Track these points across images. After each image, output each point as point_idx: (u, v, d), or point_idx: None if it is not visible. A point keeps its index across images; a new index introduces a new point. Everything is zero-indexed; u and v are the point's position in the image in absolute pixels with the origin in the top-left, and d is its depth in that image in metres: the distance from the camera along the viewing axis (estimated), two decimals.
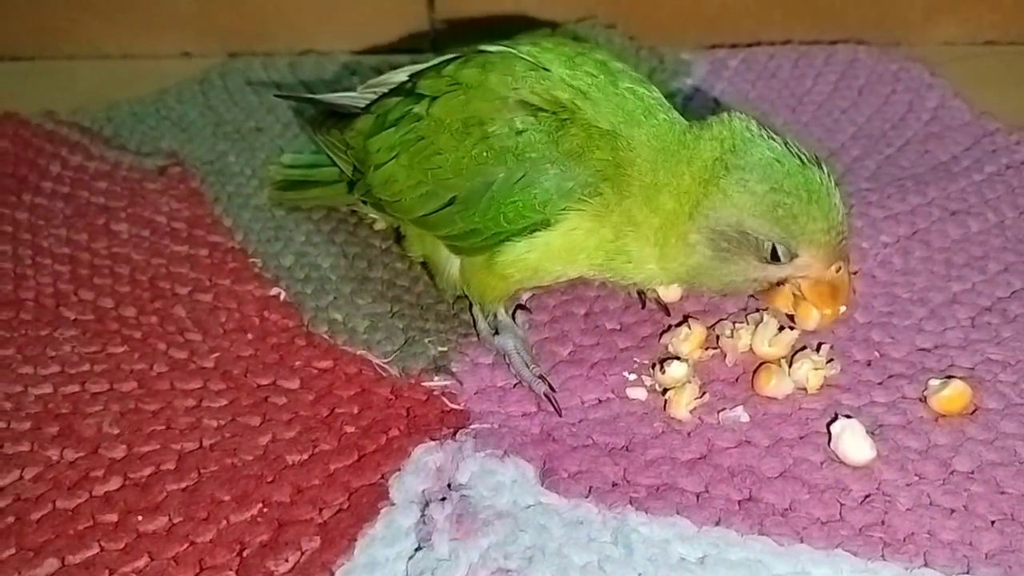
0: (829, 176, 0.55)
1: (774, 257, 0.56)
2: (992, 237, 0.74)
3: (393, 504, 0.55)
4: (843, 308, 0.59)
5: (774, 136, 0.56)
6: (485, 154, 0.57)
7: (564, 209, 0.57)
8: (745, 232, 0.55)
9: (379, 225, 0.74)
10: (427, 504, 0.55)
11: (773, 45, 1.02)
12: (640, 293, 0.68)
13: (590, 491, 0.56)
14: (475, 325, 0.66)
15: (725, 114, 0.57)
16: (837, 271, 0.57)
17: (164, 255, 0.75)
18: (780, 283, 0.58)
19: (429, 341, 0.66)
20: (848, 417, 0.58)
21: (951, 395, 0.60)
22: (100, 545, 0.53)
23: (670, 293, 0.67)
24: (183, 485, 0.56)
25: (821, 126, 0.90)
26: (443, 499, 0.55)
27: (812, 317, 0.60)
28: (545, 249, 0.59)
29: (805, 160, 0.55)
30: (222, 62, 1.04)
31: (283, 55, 1.05)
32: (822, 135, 0.89)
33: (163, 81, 1.01)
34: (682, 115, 0.60)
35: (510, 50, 0.60)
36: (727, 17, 1.05)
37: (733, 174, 0.55)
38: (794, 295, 0.58)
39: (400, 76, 0.69)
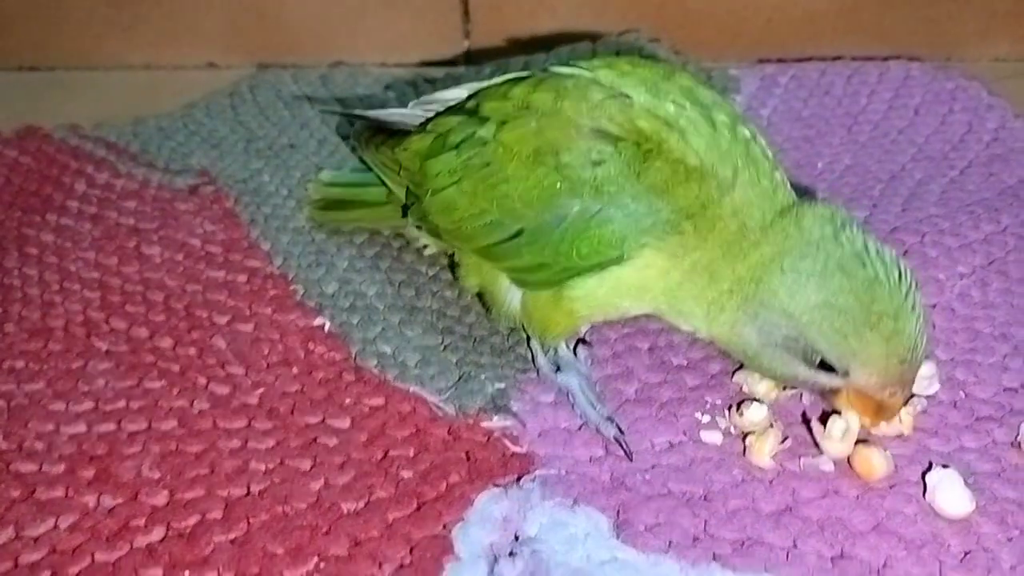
0: (908, 296, 0.50)
1: (824, 368, 0.52)
2: None
3: (459, 559, 0.51)
4: (884, 425, 0.55)
5: (852, 236, 0.51)
6: (559, 185, 0.54)
7: (642, 245, 0.53)
8: (793, 337, 0.51)
9: (429, 250, 0.70)
10: (496, 559, 0.51)
11: (823, 61, 0.99)
12: None
13: (670, 545, 0.52)
14: (534, 360, 0.62)
15: (812, 203, 0.53)
16: (891, 396, 0.52)
17: (200, 281, 0.71)
18: (834, 390, 0.54)
19: (485, 377, 0.62)
20: (945, 467, 0.54)
21: None
22: None
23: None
24: (232, 536, 0.52)
25: (879, 147, 0.86)
26: (512, 554, 0.51)
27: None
28: (615, 285, 0.55)
29: (879, 272, 0.50)
30: (250, 74, 1.00)
31: (313, 67, 1.01)
32: (881, 156, 0.85)
33: (188, 93, 0.97)
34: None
35: (585, 73, 0.56)
36: (774, 32, 1.01)
37: (787, 276, 0.51)
38: None
39: (457, 93, 0.65)
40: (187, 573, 0.51)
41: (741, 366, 0.62)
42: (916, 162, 0.84)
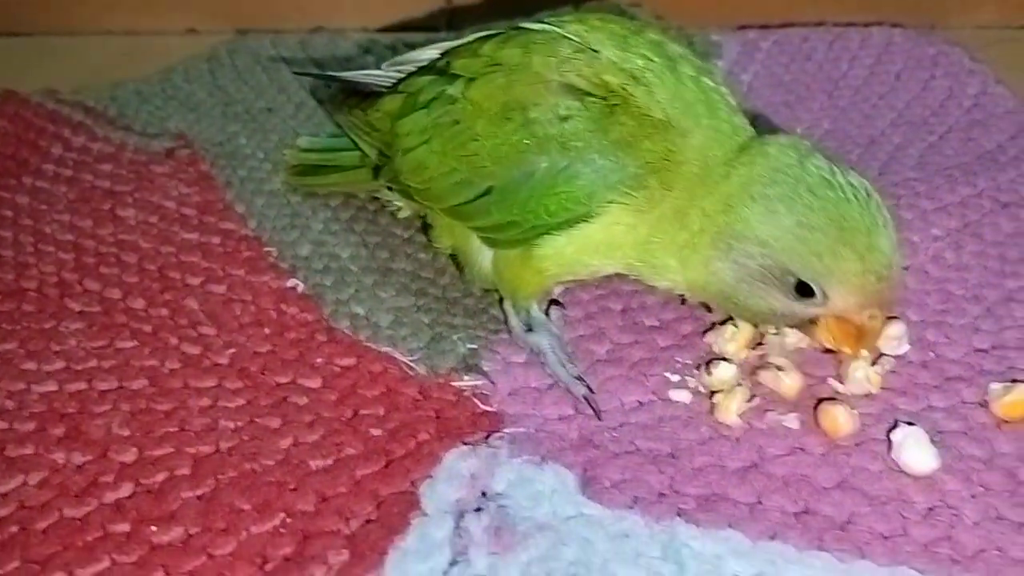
0: (879, 213, 0.50)
1: (801, 293, 0.51)
2: None
3: (425, 514, 0.52)
4: (865, 352, 0.55)
5: (817, 161, 0.51)
6: (526, 142, 0.53)
7: (609, 202, 0.53)
8: (768, 266, 0.51)
9: (403, 213, 0.70)
10: (462, 515, 0.51)
11: (805, 27, 0.98)
12: None
13: (635, 501, 0.52)
14: (506, 321, 0.62)
15: (769, 136, 0.53)
16: (869, 318, 0.52)
17: (174, 243, 0.71)
18: (812, 320, 0.54)
19: (458, 338, 0.62)
20: (909, 424, 0.54)
21: (1015, 400, 0.56)
22: (111, 558, 0.49)
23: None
24: (199, 492, 0.53)
25: (859, 112, 0.86)
26: (478, 509, 0.52)
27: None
28: (584, 242, 0.55)
29: (847, 191, 0.50)
30: (230, 39, 1.00)
31: (293, 32, 1.01)
32: (861, 121, 0.85)
33: (168, 59, 0.96)
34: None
35: (555, 29, 0.56)
36: None
37: (758, 203, 0.51)
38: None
39: (429, 53, 0.64)
40: (154, 528, 0.51)
41: (712, 327, 0.62)
42: (895, 127, 0.84)
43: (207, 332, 0.63)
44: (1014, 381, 0.57)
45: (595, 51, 0.54)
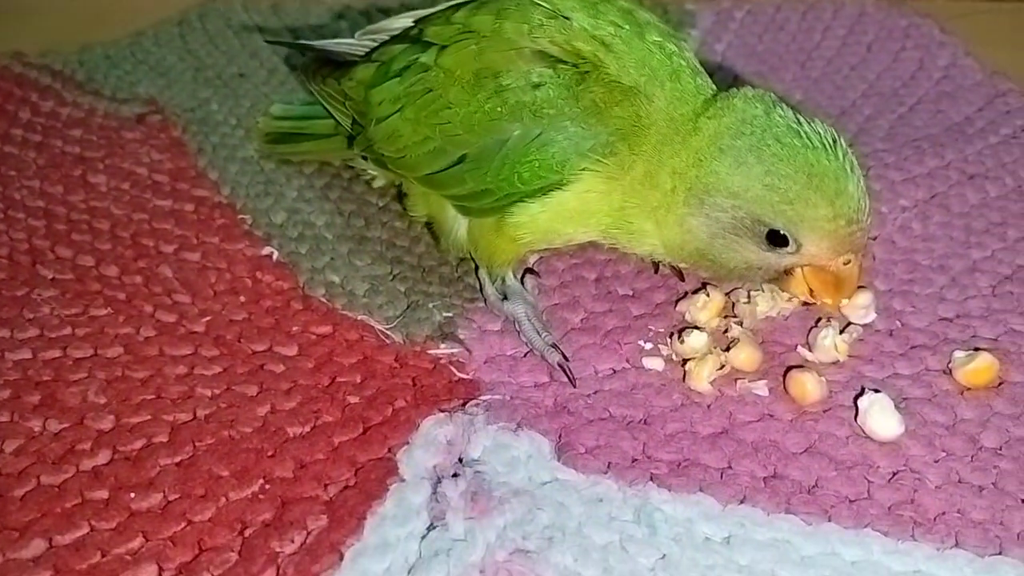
0: (845, 160, 0.51)
1: (774, 243, 0.52)
2: (1011, 202, 0.72)
3: (403, 480, 0.52)
4: (846, 300, 0.56)
5: (783, 112, 0.52)
6: (499, 109, 0.54)
7: (582, 169, 0.53)
8: (741, 217, 0.52)
9: (378, 182, 0.70)
10: (439, 480, 0.52)
11: None
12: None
13: (609, 467, 0.53)
14: (481, 290, 0.63)
15: (737, 90, 0.53)
16: (845, 263, 0.53)
17: (146, 210, 0.70)
18: (788, 272, 0.54)
19: (433, 306, 0.62)
20: (876, 391, 0.56)
21: (977, 368, 0.58)
22: (90, 524, 0.50)
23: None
24: (177, 459, 0.53)
25: (831, 83, 0.87)
26: (455, 475, 0.52)
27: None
28: (558, 210, 0.55)
29: (813, 140, 0.51)
30: (200, 2, 0.98)
31: None
32: (832, 92, 0.86)
33: (137, 22, 0.95)
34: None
35: None
36: None
37: (727, 155, 0.51)
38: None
39: (403, 22, 0.64)
40: (132, 495, 0.51)
41: (684, 295, 0.63)
42: (866, 98, 0.85)
43: (182, 300, 0.63)
44: (976, 349, 0.59)
45: (566, 18, 0.54)
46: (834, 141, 0.51)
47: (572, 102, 0.53)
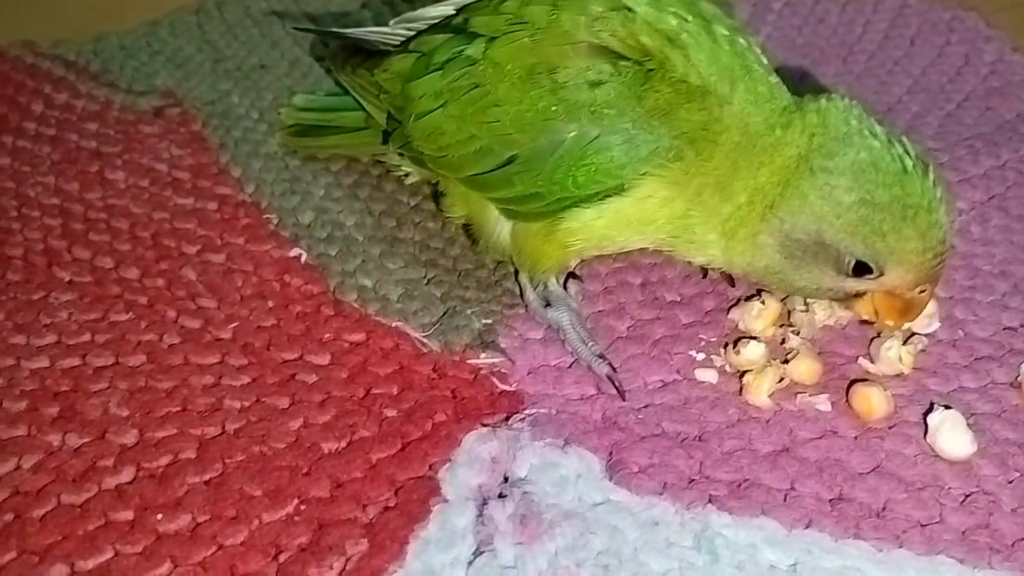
0: (935, 184, 0.48)
1: (856, 271, 0.49)
2: None
3: (446, 501, 0.49)
4: (907, 324, 0.54)
5: (876, 131, 0.48)
6: (554, 108, 0.50)
7: (643, 174, 0.50)
8: (824, 243, 0.49)
9: (411, 179, 0.67)
10: (484, 501, 0.49)
11: None
12: None
13: (664, 487, 0.50)
14: (522, 295, 0.60)
15: (824, 99, 0.50)
16: (920, 292, 0.50)
17: (167, 208, 0.67)
18: (858, 294, 0.52)
19: (472, 312, 0.59)
20: (947, 408, 0.53)
21: None
22: (115, 548, 0.47)
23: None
24: (206, 478, 0.50)
25: (875, 78, 0.84)
26: (502, 496, 0.49)
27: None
28: (614, 217, 0.52)
29: (908, 165, 0.48)
30: None
31: None
32: (877, 88, 0.82)
33: (153, 10, 0.92)
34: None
35: None
36: None
37: (818, 177, 0.48)
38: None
39: (442, 9, 0.60)
40: (159, 516, 0.48)
41: (736, 302, 0.60)
42: (912, 94, 0.82)
43: (207, 305, 0.60)
44: None
45: (629, 9, 0.51)
46: (926, 166, 0.49)
47: (634, 102, 0.49)
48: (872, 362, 0.56)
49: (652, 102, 0.49)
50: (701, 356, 0.57)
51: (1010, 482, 0.51)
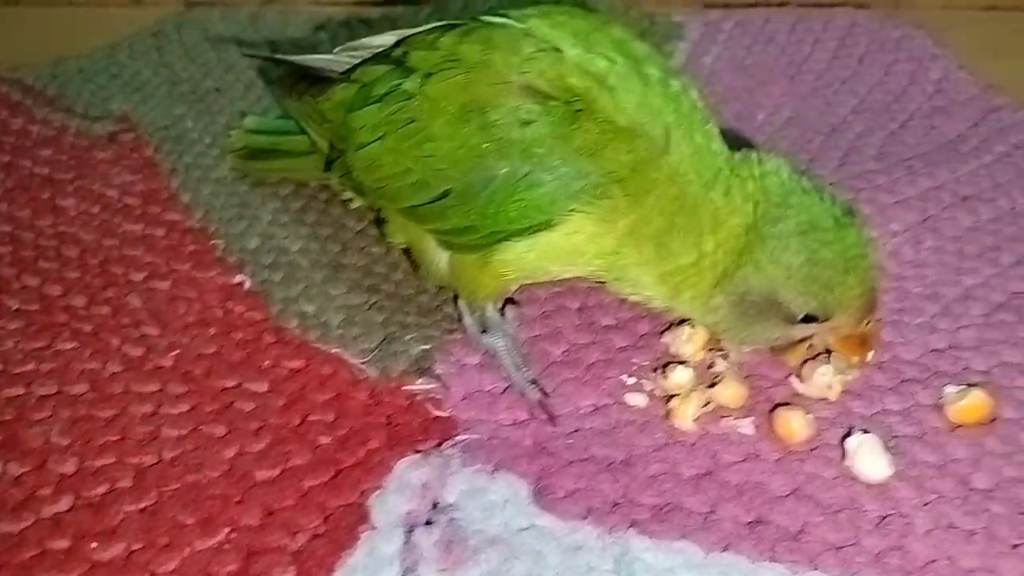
0: (863, 231, 0.52)
1: (805, 320, 0.52)
2: (1004, 225, 0.70)
3: (374, 528, 0.51)
4: (871, 354, 0.56)
5: (807, 188, 0.52)
6: (486, 146, 0.51)
7: (571, 210, 0.51)
8: (777, 301, 0.52)
9: (355, 203, 0.68)
10: (412, 528, 0.50)
11: (769, 7, 0.97)
12: None
13: (588, 512, 0.51)
14: (461, 321, 0.61)
15: (755, 159, 0.53)
16: (868, 324, 0.53)
17: (116, 235, 0.68)
18: (801, 340, 0.55)
19: (411, 338, 0.60)
20: (864, 431, 0.54)
21: (969, 406, 0.56)
22: None
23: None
24: (141, 506, 0.51)
25: (821, 98, 0.85)
26: (429, 522, 0.51)
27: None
28: (545, 250, 0.53)
29: (840, 218, 0.51)
30: (177, 12, 0.96)
31: (243, 5, 0.97)
32: (823, 108, 0.84)
33: (112, 33, 0.93)
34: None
35: (516, 24, 0.54)
36: None
37: (768, 244, 0.51)
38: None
39: (385, 39, 0.61)
40: (94, 544, 0.49)
41: (669, 326, 0.61)
42: (857, 114, 0.83)
43: (150, 332, 0.61)
44: (969, 385, 0.57)
45: (558, 50, 0.52)
46: (852, 213, 0.52)
47: (562, 141, 0.51)
48: (802, 382, 0.58)
49: (580, 141, 0.51)
50: (632, 380, 0.59)
51: (926, 504, 0.52)
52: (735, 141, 0.56)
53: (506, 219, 0.52)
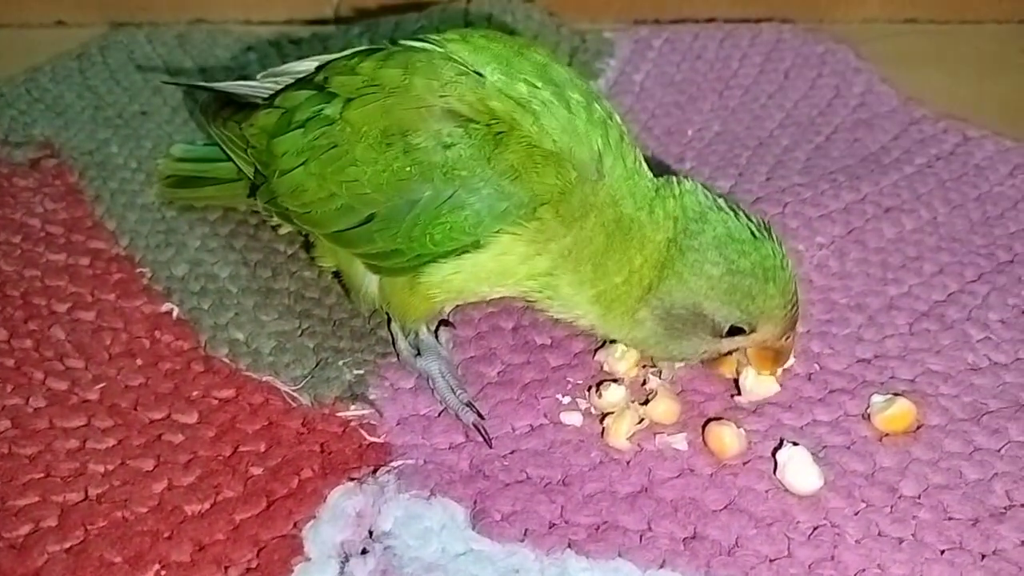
0: (781, 245, 0.53)
1: (730, 332, 0.54)
2: (926, 236, 0.72)
3: (309, 559, 0.50)
4: (780, 369, 0.58)
5: (723, 206, 0.53)
6: (409, 169, 0.51)
7: (497, 232, 0.51)
8: (701, 314, 0.53)
9: (283, 229, 0.67)
10: (347, 558, 0.50)
11: (698, 23, 0.98)
12: None
13: (525, 534, 0.51)
14: (394, 344, 0.61)
15: (675, 182, 0.54)
16: (787, 340, 0.55)
17: (39, 266, 0.66)
18: (729, 352, 0.56)
19: (344, 363, 0.60)
20: (794, 444, 0.55)
21: (895, 415, 0.57)
22: None
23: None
24: (67, 545, 0.50)
25: (749, 112, 0.87)
26: (364, 551, 0.50)
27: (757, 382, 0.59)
28: (473, 271, 0.53)
29: (757, 233, 0.52)
30: (102, 33, 0.94)
31: (169, 24, 0.96)
32: (750, 122, 0.85)
33: (34, 55, 0.91)
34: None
35: (436, 48, 0.54)
36: None
37: (688, 256, 0.52)
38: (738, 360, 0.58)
39: (304, 65, 0.61)
40: None
41: (603, 344, 0.62)
42: (783, 128, 0.85)
43: (75, 365, 0.59)
44: (895, 394, 0.58)
45: (479, 74, 0.52)
46: (768, 228, 0.53)
47: (485, 164, 0.51)
48: (742, 394, 0.59)
49: (503, 164, 0.51)
50: (567, 400, 0.59)
51: (856, 513, 0.53)
52: (666, 156, 0.57)
53: (432, 241, 0.52)
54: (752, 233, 0.52)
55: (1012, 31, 1.03)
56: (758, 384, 0.59)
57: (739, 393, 0.59)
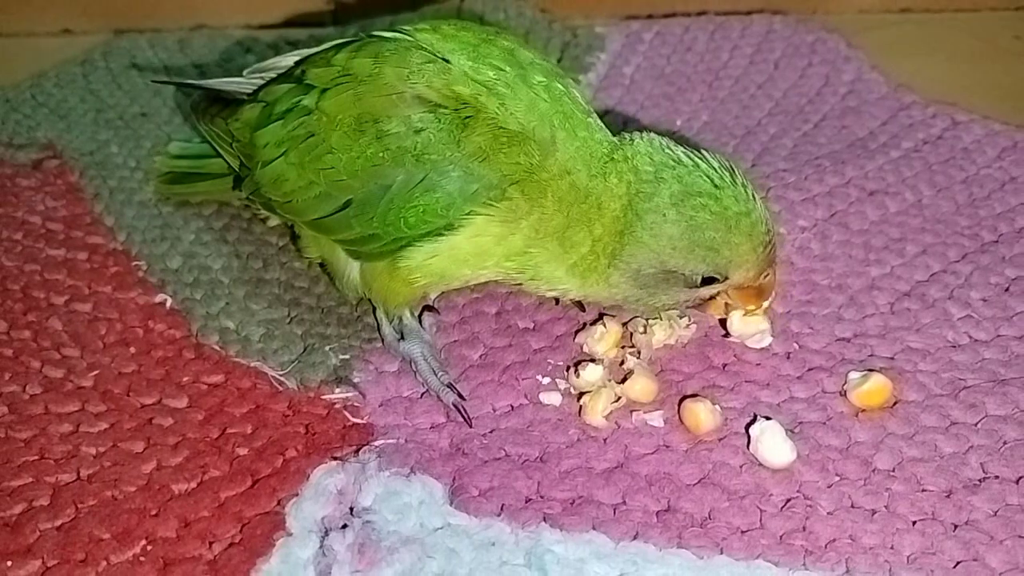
0: (746, 188, 0.54)
1: (705, 282, 0.55)
2: (910, 218, 0.73)
3: (290, 534, 0.51)
4: (767, 303, 0.59)
5: (680, 158, 0.53)
6: (381, 155, 0.53)
7: (469, 213, 0.53)
8: (669, 271, 0.54)
9: (272, 221, 0.69)
10: (327, 533, 0.51)
11: (689, 16, 0.99)
12: None
13: (502, 509, 0.53)
14: (379, 330, 0.62)
15: (628, 140, 0.55)
16: (766, 278, 0.56)
17: (38, 260, 0.69)
18: (711, 297, 0.57)
19: (330, 349, 0.61)
20: (767, 419, 0.56)
21: (871, 390, 0.58)
22: None
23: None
24: (58, 523, 0.51)
25: (738, 102, 0.88)
26: (344, 526, 0.52)
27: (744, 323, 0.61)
28: (451, 254, 0.55)
29: (716, 179, 0.53)
30: (106, 40, 0.97)
31: (172, 30, 0.98)
32: (739, 112, 0.86)
33: (41, 62, 0.93)
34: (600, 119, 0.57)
35: (406, 37, 0.56)
36: None
37: (645, 219, 0.53)
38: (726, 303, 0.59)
39: (289, 60, 0.63)
40: (10, 563, 0.49)
41: (584, 326, 0.63)
42: (772, 116, 0.86)
43: (70, 354, 0.61)
44: (871, 370, 0.59)
45: (446, 61, 0.54)
46: (732, 171, 0.54)
47: (454, 147, 0.52)
48: (732, 334, 0.61)
49: (472, 147, 0.52)
50: (547, 380, 0.60)
51: (829, 486, 0.54)
52: None
53: (406, 225, 0.53)
54: (713, 183, 0.52)
55: (1007, 18, 1.03)
56: (745, 323, 0.61)
57: (728, 334, 0.61)
